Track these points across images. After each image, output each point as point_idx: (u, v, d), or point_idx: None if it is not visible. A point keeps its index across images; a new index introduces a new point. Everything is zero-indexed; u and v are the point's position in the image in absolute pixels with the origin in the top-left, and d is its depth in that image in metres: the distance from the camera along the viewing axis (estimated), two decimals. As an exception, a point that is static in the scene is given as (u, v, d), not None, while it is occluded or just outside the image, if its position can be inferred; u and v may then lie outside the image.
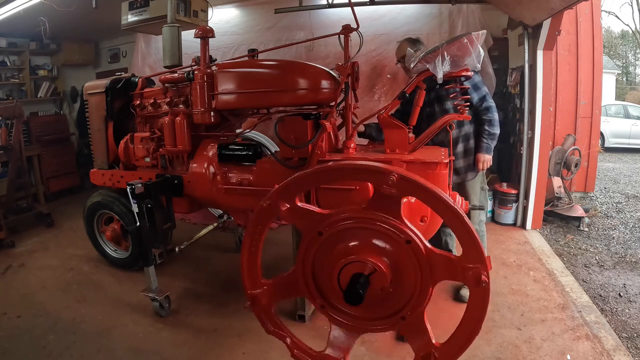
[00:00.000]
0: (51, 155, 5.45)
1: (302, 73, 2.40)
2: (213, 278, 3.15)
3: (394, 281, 1.42)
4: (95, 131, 3.18)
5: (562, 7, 3.11)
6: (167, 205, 2.72)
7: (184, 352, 2.27)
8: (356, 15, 2.22)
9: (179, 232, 3.21)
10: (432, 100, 2.71)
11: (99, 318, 2.60)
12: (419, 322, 1.47)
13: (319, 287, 1.55)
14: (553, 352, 2.17)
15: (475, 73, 2.46)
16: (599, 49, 5.08)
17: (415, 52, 2.17)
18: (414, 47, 2.59)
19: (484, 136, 2.67)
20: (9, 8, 3.84)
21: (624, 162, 8.82)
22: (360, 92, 2.65)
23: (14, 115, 4.12)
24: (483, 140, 2.67)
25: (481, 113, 2.66)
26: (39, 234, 4.20)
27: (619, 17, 27.67)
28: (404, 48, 2.70)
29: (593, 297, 2.80)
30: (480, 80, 2.66)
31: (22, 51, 5.65)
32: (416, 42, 2.81)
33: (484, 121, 2.66)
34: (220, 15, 4.81)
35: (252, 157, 2.47)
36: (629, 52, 22.67)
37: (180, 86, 2.69)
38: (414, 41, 2.82)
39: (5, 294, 2.95)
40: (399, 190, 1.32)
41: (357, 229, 1.44)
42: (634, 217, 4.64)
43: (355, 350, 2.16)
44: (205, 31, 2.50)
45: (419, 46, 2.73)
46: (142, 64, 5.37)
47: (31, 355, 2.26)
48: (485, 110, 2.66)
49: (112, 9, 3.90)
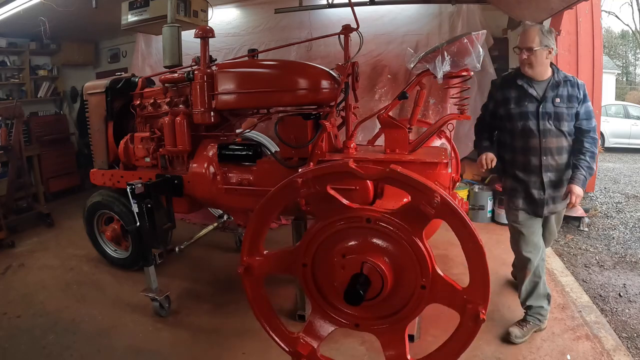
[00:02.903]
0: (51, 155, 5.44)
1: (302, 73, 2.41)
2: (213, 278, 3.15)
3: (393, 289, 1.42)
4: (95, 131, 3.18)
5: (562, 7, 3.12)
6: (167, 205, 2.72)
7: (184, 352, 2.27)
8: (356, 15, 2.22)
9: (179, 232, 3.21)
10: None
11: (99, 318, 2.59)
12: (400, 333, 1.48)
13: (314, 274, 1.54)
14: (553, 352, 2.17)
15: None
16: (599, 49, 5.08)
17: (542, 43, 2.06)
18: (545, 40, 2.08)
19: (582, 166, 2.13)
20: (9, 8, 3.84)
21: (624, 162, 8.82)
22: (360, 92, 2.65)
23: (14, 115, 4.11)
24: (582, 170, 2.12)
25: (584, 134, 2.17)
26: (39, 234, 4.20)
27: (619, 17, 27.59)
28: (532, 35, 2.09)
29: (593, 297, 2.80)
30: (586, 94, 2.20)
31: (22, 51, 5.64)
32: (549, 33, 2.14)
33: (585, 149, 2.15)
34: (222, 16, 4.81)
35: (252, 157, 2.47)
36: (629, 52, 22.66)
37: (180, 86, 2.69)
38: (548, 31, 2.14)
39: (5, 294, 2.95)
40: (437, 213, 1.30)
41: (377, 231, 1.42)
42: (634, 217, 4.64)
43: (355, 350, 2.17)
44: (205, 31, 2.51)
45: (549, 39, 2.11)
46: (142, 64, 5.37)
47: (31, 355, 2.26)
48: (589, 131, 2.16)
49: (112, 9, 3.91)
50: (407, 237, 1.37)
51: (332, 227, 1.45)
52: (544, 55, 2.10)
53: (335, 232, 1.45)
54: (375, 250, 1.42)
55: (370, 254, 1.40)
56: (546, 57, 2.12)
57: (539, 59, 2.10)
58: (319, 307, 1.56)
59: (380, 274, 1.38)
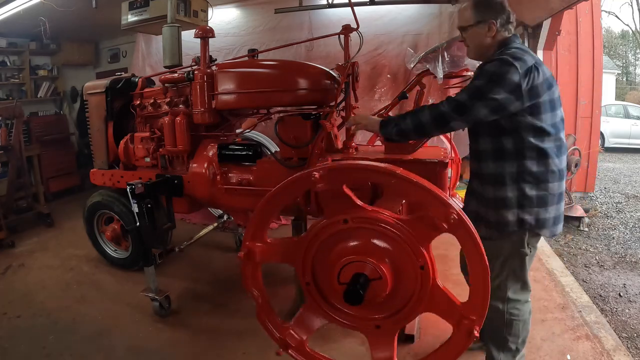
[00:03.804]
0: (51, 155, 5.45)
1: (302, 73, 2.41)
2: (213, 278, 3.15)
3: (391, 292, 1.42)
4: (95, 131, 3.18)
5: (562, 7, 3.12)
6: (167, 205, 2.72)
7: (184, 352, 2.27)
8: (356, 15, 2.22)
9: (179, 232, 3.21)
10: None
11: (98, 318, 2.59)
12: (391, 337, 1.47)
13: (314, 268, 1.53)
14: (553, 352, 2.17)
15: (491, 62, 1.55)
16: (599, 49, 5.08)
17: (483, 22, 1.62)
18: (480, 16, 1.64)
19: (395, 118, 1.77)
20: (9, 8, 3.85)
21: (624, 162, 8.82)
22: (360, 92, 2.65)
23: (14, 115, 4.11)
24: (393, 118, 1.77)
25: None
26: (39, 234, 4.20)
27: (619, 17, 27.63)
28: (463, 12, 1.71)
29: (593, 297, 2.80)
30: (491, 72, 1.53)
31: (22, 51, 5.64)
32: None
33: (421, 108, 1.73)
34: (222, 16, 4.81)
35: (252, 157, 2.47)
36: (629, 52, 22.67)
37: (180, 86, 2.69)
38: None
39: (5, 294, 2.95)
40: (450, 228, 1.29)
41: (382, 234, 1.40)
42: (634, 217, 4.64)
43: (355, 350, 2.17)
44: (205, 31, 2.50)
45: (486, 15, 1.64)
46: (142, 64, 5.37)
47: (31, 355, 2.26)
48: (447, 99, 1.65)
49: (112, 9, 3.91)
50: (413, 246, 1.36)
51: (336, 225, 1.44)
52: (482, 33, 1.64)
53: (342, 231, 1.44)
54: (383, 254, 1.41)
55: (374, 257, 1.39)
56: (486, 35, 1.64)
57: (475, 39, 1.68)
58: (315, 302, 1.56)
59: (382, 276, 1.37)
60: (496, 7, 1.63)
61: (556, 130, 1.58)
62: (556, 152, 1.58)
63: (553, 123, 1.57)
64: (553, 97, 1.57)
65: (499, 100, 1.47)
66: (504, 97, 1.47)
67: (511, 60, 1.47)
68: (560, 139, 1.61)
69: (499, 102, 1.47)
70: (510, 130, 1.55)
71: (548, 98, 1.55)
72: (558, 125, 1.60)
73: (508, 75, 1.46)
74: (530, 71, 1.48)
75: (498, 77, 1.47)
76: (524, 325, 1.75)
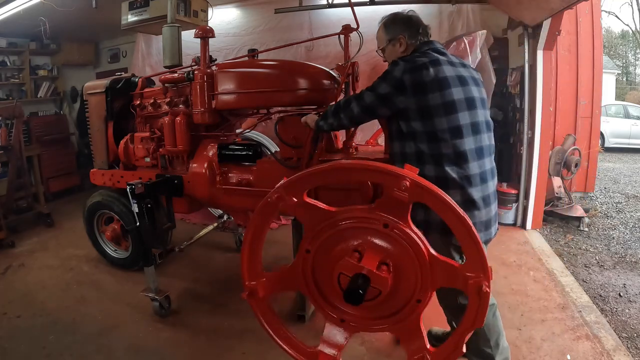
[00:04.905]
0: (51, 155, 5.45)
1: (302, 73, 2.41)
2: (213, 278, 3.15)
3: (394, 283, 1.42)
4: (95, 131, 3.18)
5: (562, 7, 3.11)
6: (167, 205, 2.72)
7: (184, 352, 2.27)
8: (356, 15, 2.22)
9: (179, 232, 3.21)
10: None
11: (98, 318, 2.59)
12: (415, 325, 1.47)
13: (317, 283, 1.55)
14: (553, 352, 2.17)
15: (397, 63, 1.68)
16: (599, 49, 5.08)
17: (390, 41, 1.84)
18: (389, 35, 1.87)
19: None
20: (9, 8, 3.85)
21: (624, 162, 8.82)
22: (360, 92, 2.65)
23: (14, 115, 4.12)
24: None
25: None
26: (39, 234, 4.20)
27: (619, 17, 27.67)
28: (378, 36, 1.97)
29: (593, 297, 2.79)
30: (384, 72, 1.71)
31: (22, 51, 5.65)
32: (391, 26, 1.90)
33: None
34: (222, 16, 4.81)
35: (252, 157, 2.47)
36: (629, 52, 22.67)
37: (180, 86, 2.69)
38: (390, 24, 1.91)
39: (5, 294, 2.95)
40: (410, 196, 1.30)
41: (362, 228, 1.43)
42: (634, 217, 4.64)
43: (355, 350, 2.17)
44: (205, 31, 2.50)
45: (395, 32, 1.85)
46: (142, 64, 5.38)
47: (31, 355, 2.26)
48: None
49: (112, 9, 3.91)
50: (396, 228, 1.37)
51: (319, 237, 1.47)
52: (395, 49, 1.83)
53: (325, 240, 1.47)
54: (373, 248, 1.42)
55: (369, 256, 1.40)
56: (398, 50, 1.83)
57: (391, 55, 1.85)
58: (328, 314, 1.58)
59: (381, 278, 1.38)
60: (403, 22, 1.83)
61: (454, 136, 1.58)
62: (453, 160, 1.58)
63: (452, 127, 1.59)
64: (448, 99, 1.59)
65: (383, 94, 1.65)
66: (388, 90, 1.64)
67: (399, 60, 1.66)
68: (464, 144, 1.59)
69: (384, 95, 1.65)
70: (407, 135, 1.67)
71: (441, 101, 1.58)
72: (462, 129, 1.60)
73: (393, 73, 1.63)
74: (416, 69, 1.60)
75: (385, 74, 1.67)
76: (489, 329, 1.78)
